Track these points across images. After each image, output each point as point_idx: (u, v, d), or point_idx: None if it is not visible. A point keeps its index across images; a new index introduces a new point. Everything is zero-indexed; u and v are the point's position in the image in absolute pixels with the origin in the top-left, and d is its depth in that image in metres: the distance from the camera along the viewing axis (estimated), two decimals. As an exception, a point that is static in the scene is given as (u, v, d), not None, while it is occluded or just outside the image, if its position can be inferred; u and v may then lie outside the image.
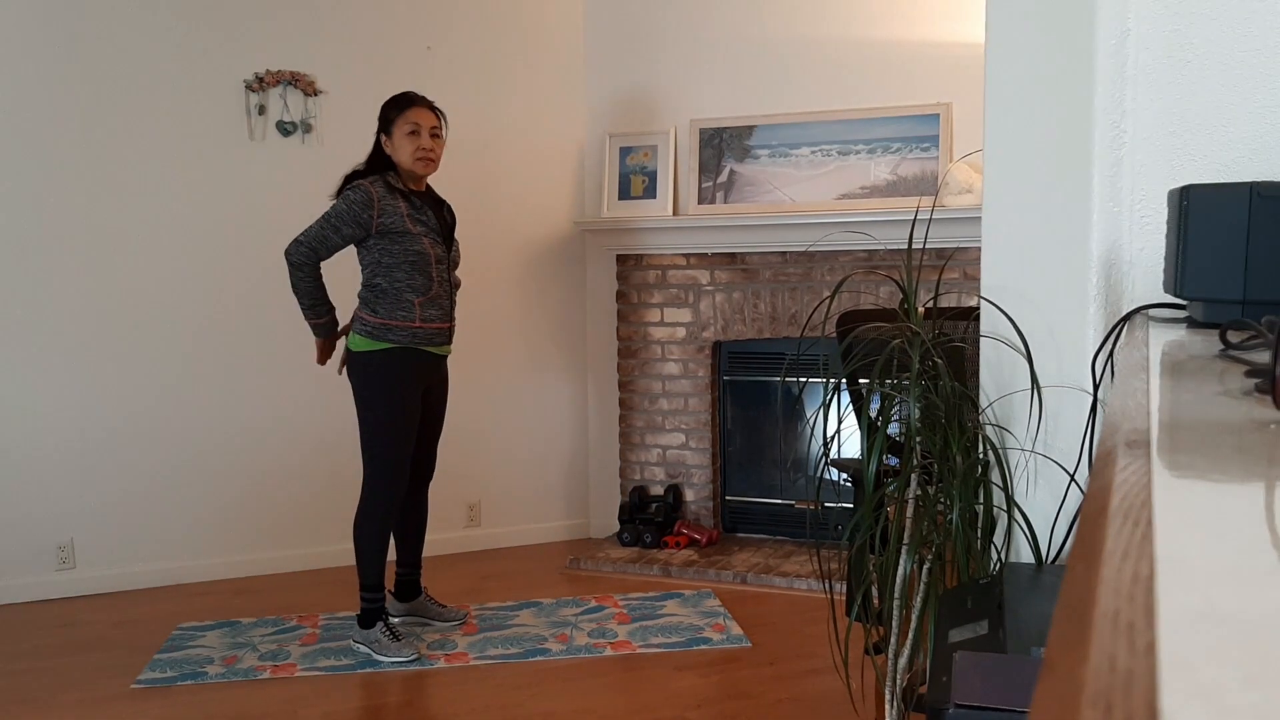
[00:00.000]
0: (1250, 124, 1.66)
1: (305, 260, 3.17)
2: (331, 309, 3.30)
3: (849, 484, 2.96)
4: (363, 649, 3.31)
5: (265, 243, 4.08)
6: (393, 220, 3.17)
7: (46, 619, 3.70)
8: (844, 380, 2.46)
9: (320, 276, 3.23)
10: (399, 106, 3.27)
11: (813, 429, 4.33)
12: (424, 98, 3.30)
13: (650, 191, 4.43)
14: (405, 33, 4.26)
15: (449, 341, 3.34)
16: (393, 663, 3.23)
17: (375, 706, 2.95)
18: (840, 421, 2.33)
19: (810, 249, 4.21)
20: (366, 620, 3.30)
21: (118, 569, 4.00)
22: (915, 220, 2.82)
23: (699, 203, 4.37)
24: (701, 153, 4.38)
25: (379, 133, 3.28)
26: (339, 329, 3.37)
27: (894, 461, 2.28)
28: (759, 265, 4.33)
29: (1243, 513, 0.47)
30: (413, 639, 3.40)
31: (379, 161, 3.27)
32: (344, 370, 3.31)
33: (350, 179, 3.26)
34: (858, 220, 4.04)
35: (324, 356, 3.38)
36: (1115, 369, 1.55)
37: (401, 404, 3.23)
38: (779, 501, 4.50)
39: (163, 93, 3.95)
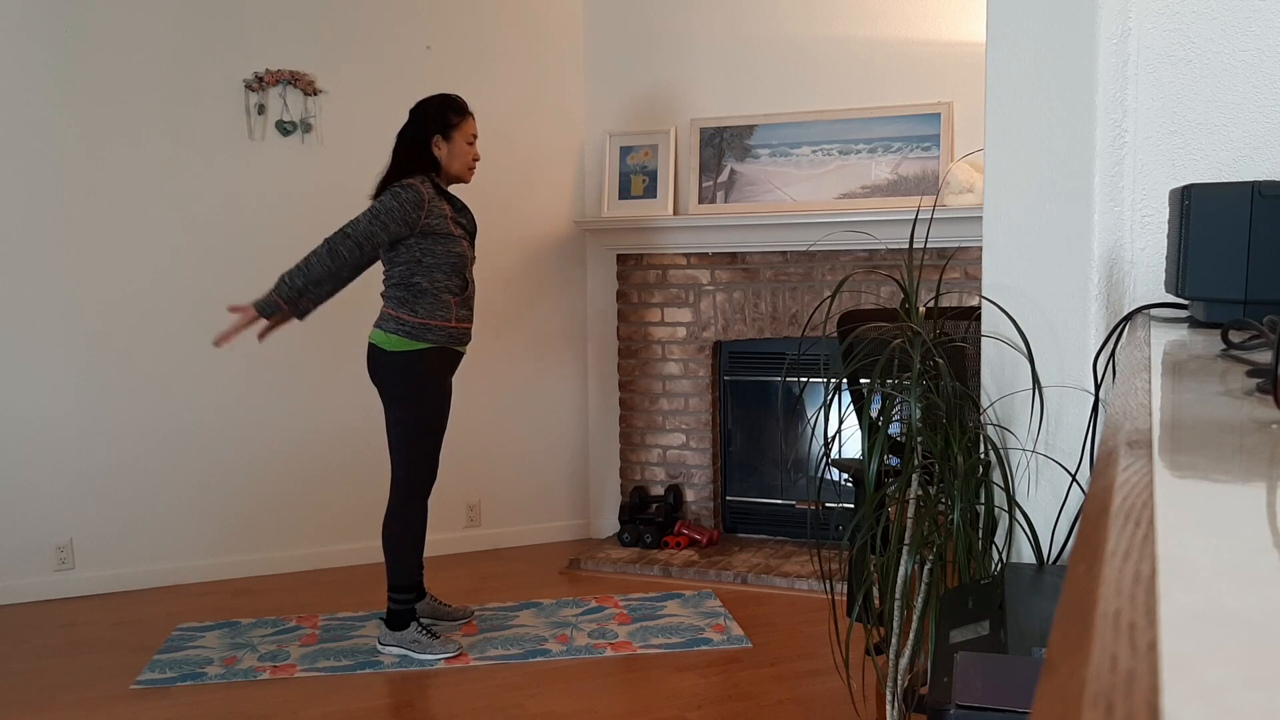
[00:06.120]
0: (1252, 123, 1.65)
1: (348, 255, 3.08)
2: (317, 304, 3.14)
3: (850, 484, 2.96)
4: (397, 650, 3.30)
5: (265, 242, 4.08)
6: (438, 222, 3.15)
7: (46, 619, 3.69)
8: (845, 380, 2.46)
9: (346, 276, 3.14)
10: (460, 112, 3.25)
11: (813, 429, 4.33)
12: None
13: (650, 191, 4.43)
14: (405, 33, 4.26)
15: (469, 340, 3.36)
16: (434, 660, 3.24)
17: (375, 707, 2.94)
18: (841, 421, 2.33)
19: (811, 249, 4.21)
20: (398, 622, 3.29)
21: (117, 569, 3.99)
22: (916, 220, 2.82)
23: (699, 202, 4.37)
24: (702, 152, 4.37)
25: (425, 133, 3.22)
26: (281, 319, 3.12)
27: (895, 462, 2.27)
28: (760, 265, 4.33)
29: (1244, 513, 0.47)
30: (451, 631, 3.47)
31: (417, 160, 3.22)
32: (222, 344, 3.04)
33: (389, 178, 3.20)
34: (858, 220, 4.04)
35: (234, 334, 3.05)
36: (1117, 369, 1.55)
37: (438, 403, 3.24)
38: (780, 502, 4.50)
39: (162, 92, 3.95)
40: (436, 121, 3.23)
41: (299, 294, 3.08)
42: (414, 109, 3.28)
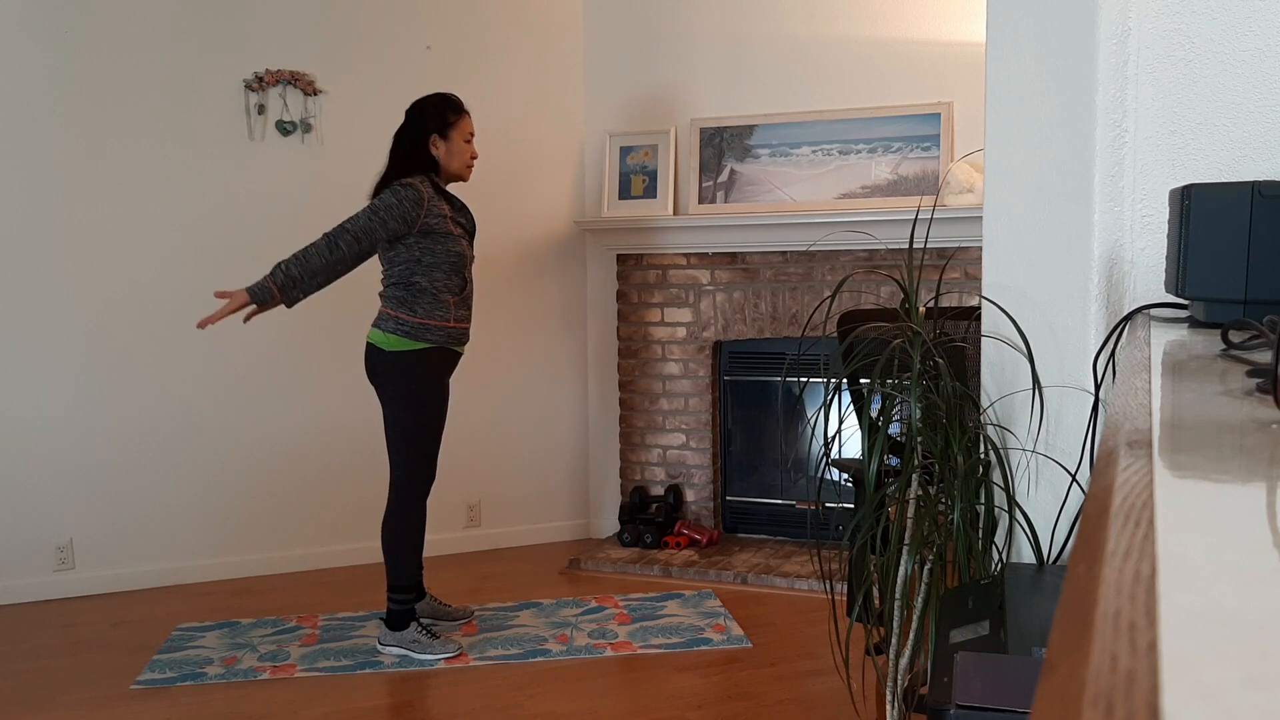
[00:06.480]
0: (1252, 123, 1.65)
1: (346, 250, 3.07)
2: (307, 294, 3.13)
3: (850, 484, 2.96)
4: (397, 650, 3.30)
5: (265, 242, 4.08)
6: (436, 221, 3.15)
7: (46, 619, 3.69)
8: (845, 380, 2.46)
9: (340, 270, 3.13)
10: (457, 111, 3.25)
11: (813, 429, 4.33)
12: None
13: (650, 191, 4.43)
14: (405, 33, 4.26)
15: (468, 340, 3.35)
16: (434, 660, 3.24)
17: (375, 707, 2.94)
18: (841, 421, 2.33)
19: (811, 249, 4.21)
20: (398, 622, 3.30)
21: (117, 569, 3.99)
22: (916, 220, 2.82)
23: (699, 202, 4.37)
24: (702, 152, 4.37)
25: (423, 132, 3.22)
26: (263, 307, 3.08)
27: (895, 462, 2.27)
28: (759, 265, 4.33)
29: (1244, 513, 0.47)
30: (451, 631, 3.48)
31: (415, 160, 3.22)
32: (207, 325, 2.99)
33: (388, 178, 3.20)
34: (858, 220, 4.04)
35: (220, 318, 3.00)
36: (1117, 369, 1.55)
37: (437, 403, 3.24)
38: (780, 502, 4.50)
39: (162, 92, 3.95)
40: (434, 120, 3.23)
41: (293, 284, 3.08)
42: (411, 109, 3.28)
